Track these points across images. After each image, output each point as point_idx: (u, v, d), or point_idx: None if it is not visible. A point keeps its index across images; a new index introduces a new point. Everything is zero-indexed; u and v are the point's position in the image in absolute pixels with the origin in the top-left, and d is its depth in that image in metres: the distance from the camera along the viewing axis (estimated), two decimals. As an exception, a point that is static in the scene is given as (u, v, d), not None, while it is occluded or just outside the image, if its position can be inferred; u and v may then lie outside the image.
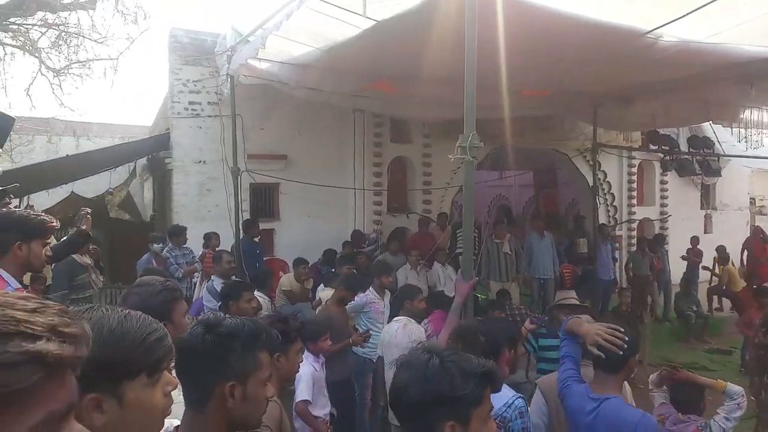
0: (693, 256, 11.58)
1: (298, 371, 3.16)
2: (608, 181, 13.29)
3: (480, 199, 13.48)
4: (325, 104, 8.36)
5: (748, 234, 14.58)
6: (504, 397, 2.52)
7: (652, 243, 11.22)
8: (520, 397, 2.62)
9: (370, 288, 5.95)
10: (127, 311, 1.31)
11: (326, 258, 8.49)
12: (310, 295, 7.40)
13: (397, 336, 4.89)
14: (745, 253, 12.27)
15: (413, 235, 10.49)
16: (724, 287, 10.97)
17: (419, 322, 5.15)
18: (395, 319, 5.25)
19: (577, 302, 4.92)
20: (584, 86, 7.66)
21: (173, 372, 1.42)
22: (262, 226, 8.90)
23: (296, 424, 3.88)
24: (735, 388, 3.26)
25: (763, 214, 20.15)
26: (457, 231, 10.08)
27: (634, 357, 2.59)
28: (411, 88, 7.25)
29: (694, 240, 12.03)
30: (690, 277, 11.07)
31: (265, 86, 7.56)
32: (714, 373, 6.52)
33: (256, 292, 4.59)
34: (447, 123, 8.83)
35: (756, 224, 13.61)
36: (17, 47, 9.48)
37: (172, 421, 1.60)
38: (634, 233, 13.60)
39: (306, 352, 3.79)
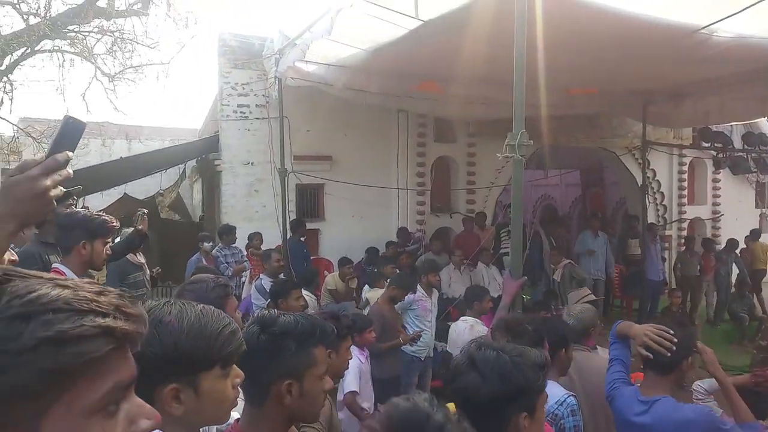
0: (748, 256, 11.21)
1: (347, 368, 3.21)
2: (657, 180, 12.96)
3: (525, 199, 13.33)
4: (370, 105, 8.45)
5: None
6: (556, 395, 2.53)
7: (706, 243, 10.90)
8: (572, 395, 2.62)
9: (418, 286, 5.98)
10: (202, 306, 1.36)
11: (370, 257, 8.57)
12: (354, 294, 7.47)
13: (464, 336, 4.89)
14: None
15: (457, 235, 10.46)
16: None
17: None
18: (462, 318, 5.28)
19: (594, 297, 4.79)
20: (633, 83, 7.52)
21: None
22: (308, 226, 9.04)
23: (340, 415, 3.94)
24: None
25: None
26: (501, 231, 10.03)
27: (687, 359, 2.50)
28: (456, 88, 7.25)
29: (748, 239, 11.63)
30: (743, 279, 10.71)
31: (311, 88, 7.68)
32: None
33: (303, 291, 4.68)
34: (492, 122, 8.78)
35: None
36: (75, 54, 9.85)
37: (233, 414, 1.66)
38: (685, 233, 13.23)
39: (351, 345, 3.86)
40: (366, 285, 7.22)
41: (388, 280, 5.97)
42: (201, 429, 1.44)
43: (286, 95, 7.59)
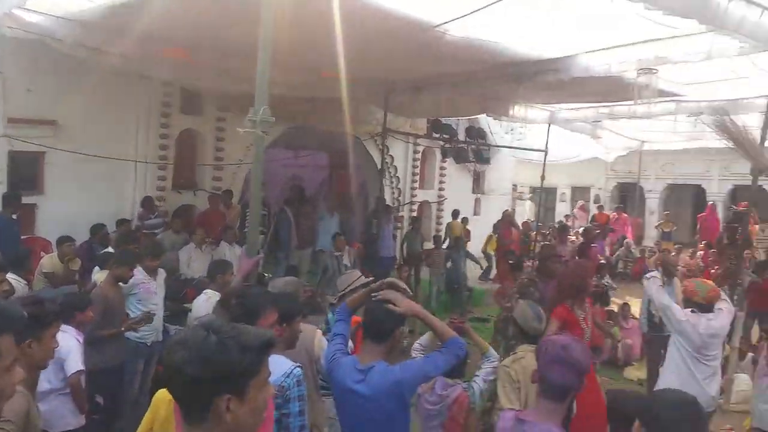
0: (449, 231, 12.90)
1: (52, 357, 2.89)
2: (395, 165, 14.00)
3: (274, 178, 13.32)
4: (107, 67, 7.47)
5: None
6: (283, 366, 2.64)
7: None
8: (298, 366, 2.72)
9: (138, 268, 5.52)
10: None
11: (97, 236, 7.70)
12: (77, 276, 6.64)
13: (201, 310, 4.78)
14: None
15: (201, 213, 10.03)
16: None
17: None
18: (204, 291, 5.16)
19: (365, 279, 5.06)
20: (378, 72, 7.92)
21: None
22: (23, 200, 7.74)
23: (44, 406, 3.47)
24: (493, 352, 3.65)
25: (522, 199, 22.99)
26: (248, 210, 9.88)
27: (399, 329, 2.75)
28: (206, 58, 6.83)
29: (465, 220, 13.33)
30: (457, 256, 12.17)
31: (35, 42, 6.54)
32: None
33: (9, 275, 4.08)
34: (243, 97, 8.48)
35: (506, 209, 15.56)
36: None
37: None
38: (415, 214, 14.57)
39: (65, 326, 3.53)
40: (96, 267, 6.46)
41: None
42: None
43: (1, 47, 6.49)
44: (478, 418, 3.44)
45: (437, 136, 12.61)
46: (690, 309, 4.52)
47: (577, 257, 8.73)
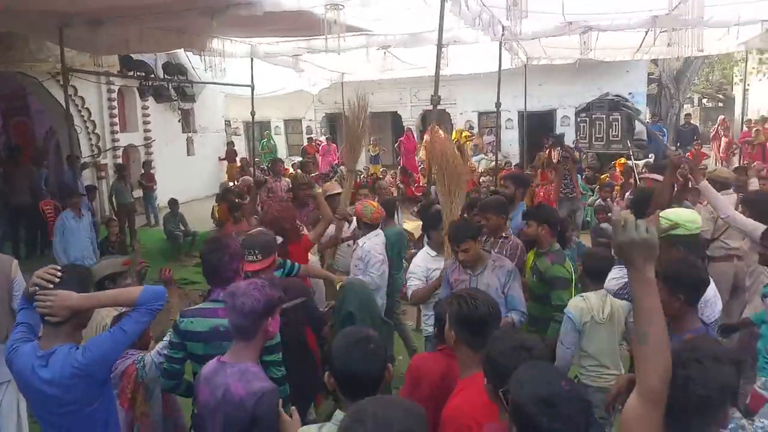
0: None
1: None
2: (87, 108, 12.52)
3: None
4: None
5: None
6: None
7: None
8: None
9: None
10: None
11: None
12: None
13: None
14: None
15: None
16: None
17: None
18: None
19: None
20: (47, 3, 6.82)
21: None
22: None
23: None
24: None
25: (238, 135, 22.70)
26: None
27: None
28: None
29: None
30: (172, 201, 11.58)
31: None
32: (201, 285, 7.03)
33: None
34: None
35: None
36: None
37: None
38: (120, 161, 13.36)
39: None
40: None
41: None
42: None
43: None
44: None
45: (131, 74, 11.50)
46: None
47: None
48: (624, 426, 1.69)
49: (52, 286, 2.41)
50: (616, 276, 3.25)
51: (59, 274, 2.45)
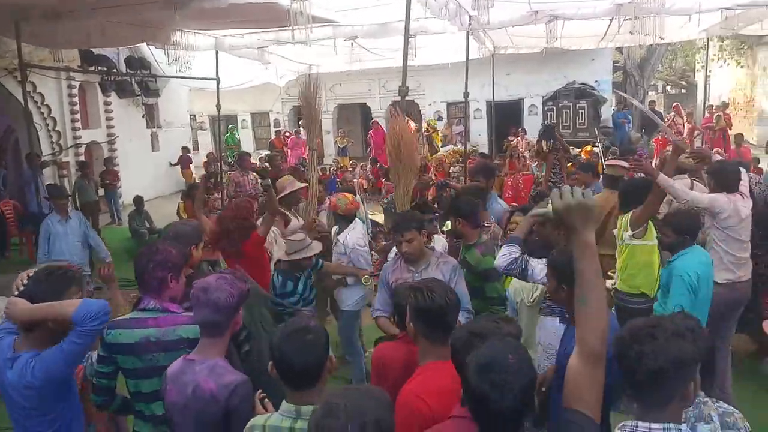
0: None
1: None
2: (47, 105, 12.17)
3: None
4: None
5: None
6: None
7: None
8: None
9: None
10: None
11: None
12: None
13: None
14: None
15: None
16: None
17: None
18: None
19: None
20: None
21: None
22: None
23: None
24: None
25: (204, 129, 22.36)
26: None
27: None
28: None
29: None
30: (137, 199, 11.39)
31: None
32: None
33: None
34: None
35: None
36: None
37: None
38: (82, 158, 13.04)
39: None
40: None
41: None
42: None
43: None
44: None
45: (92, 69, 11.19)
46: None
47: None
48: (568, 385, 1.74)
49: (17, 292, 2.36)
50: (505, 253, 3.36)
51: (25, 280, 2.41)
